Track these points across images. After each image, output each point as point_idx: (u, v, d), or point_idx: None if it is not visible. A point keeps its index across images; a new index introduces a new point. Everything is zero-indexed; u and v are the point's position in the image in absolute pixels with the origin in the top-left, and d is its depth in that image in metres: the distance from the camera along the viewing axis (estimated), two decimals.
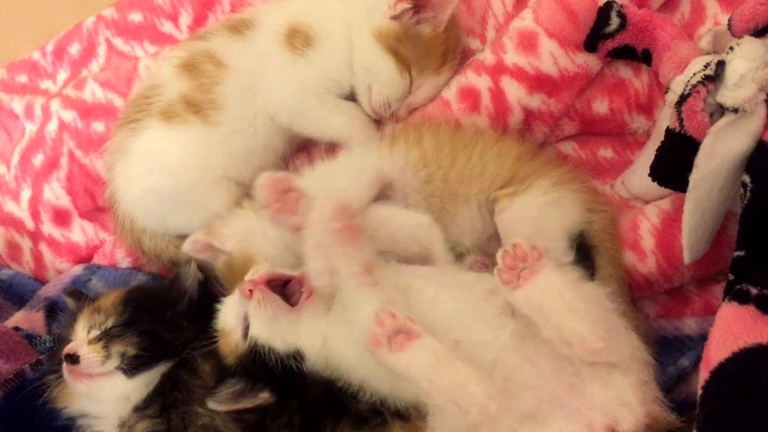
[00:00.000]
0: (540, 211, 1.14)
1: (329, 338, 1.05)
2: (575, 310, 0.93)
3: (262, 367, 1.04)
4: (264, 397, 1.04)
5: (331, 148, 1.33)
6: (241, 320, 1.07)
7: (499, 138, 1.24)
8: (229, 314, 1.10)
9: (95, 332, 1.12)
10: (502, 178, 1.18)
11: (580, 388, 0.93)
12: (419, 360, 0.94)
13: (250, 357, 1.05)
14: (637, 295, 1.17)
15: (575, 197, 1.17)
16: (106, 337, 1.10)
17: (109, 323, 1.13)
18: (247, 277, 1.08)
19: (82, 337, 1.11)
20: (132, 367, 1.09)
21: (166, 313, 1.17)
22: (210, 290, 1.28)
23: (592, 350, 0.92)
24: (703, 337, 0.93)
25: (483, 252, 1.20)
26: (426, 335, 0.95)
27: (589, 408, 0.92)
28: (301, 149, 1.42)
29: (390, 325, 0.95)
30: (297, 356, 1.04)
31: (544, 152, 1.29)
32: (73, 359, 1.06)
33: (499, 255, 0.97)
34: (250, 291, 1.04)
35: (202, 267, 1.27)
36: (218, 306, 1.13)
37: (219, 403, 1.03)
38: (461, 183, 1.18)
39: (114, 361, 1.08)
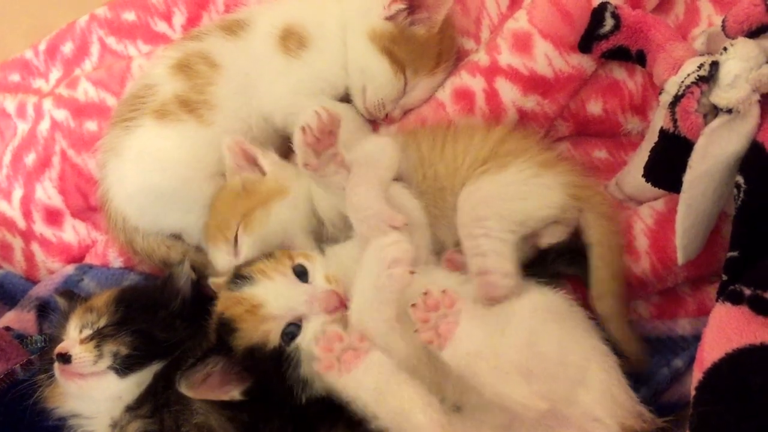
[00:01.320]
0: (505, 189, 1.11)
1: None
2: (505, 372, 0.87)
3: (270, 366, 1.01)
4: (232, 395, 1.01)
5: None
6: (292, 316, 1.01)
7: (488, 126, 1.22)
8: (282, 297, 1.01)
9: (87, 332, 1.11)
10: (480, 160, 1.15)
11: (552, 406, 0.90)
12: (367, 380, 0.90)
13: (277, 357, 1.00)
14: (630, 296, 1.17)
15: (556, 181, 1.12)
16: (99, 337, 1.09)
17: (102, 323, 1.12)
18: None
19: (74, 337, 1.11)
20: (124, 366, 1.09)
21: (159, 312, 1.16)
22: (203, 290, 1.27)
23: (538, 413, 0.87)
24: (697, 338, 0.93)
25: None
26: (375, 350, 0.92)
27: (560, 426, 0.90)
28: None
29: (339, 348, 0.92)
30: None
31: (534, 135, 1.26)
32: (65, 358, 1.06)
33: (409, 309, 0.91)
34: (336, 308, 1.00)
35: (196, 267, 1.26)
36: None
37: (188, 385, 0.97)
38: (447, 176, 1.16)
39: (106, 361, 1.08)
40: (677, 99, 1.01)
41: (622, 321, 1.09)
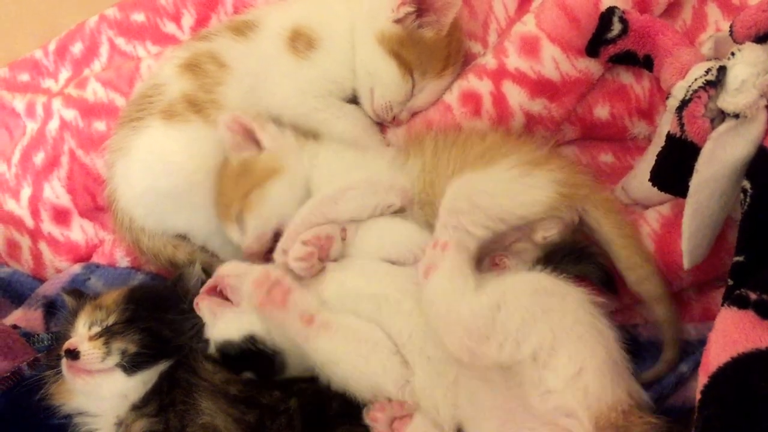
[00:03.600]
0: (489, 184, 1.11)
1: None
2: (454, 321, 0.95)
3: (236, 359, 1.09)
4: (246, 375, 1.09)
5: None
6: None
7: (484, 133, 1.23)
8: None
9: (96, 329, 1.11)
10: (470, 163, 1.16)
11: (528, 403, 0.91)
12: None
13: (219, 354, 1.10)
14: (636, 300, 1.17)
15: (546, 180, 1.12)
16: (107, 334, 1.09)
17: (111, 320, 1.12)
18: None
19: (82, 334, 1.11)
20: (132, 364, 1.08)
21: (169, 312, 1.16)
22: None
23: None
24: (702, 343, 0.92)
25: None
26: (418, 414, 0.98)
27: (539, 425, 0.90)
28: None
29: (384, 418, 0.98)
30: (252, 339, 1.08)
31: (531, 138, 1.26)
32: (73, 355, 1.06)
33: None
34: (197, 304, 1.13)
35: (206, 268, 1.27)
36: None
37: None
38: (440, 184, 1.16)
39: (114, 358, 1.08)
40: (684, 103, 1.01)
41: (669, 300, 1.10)
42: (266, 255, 1.21)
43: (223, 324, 1.10)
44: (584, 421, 0.88)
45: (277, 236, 1.19)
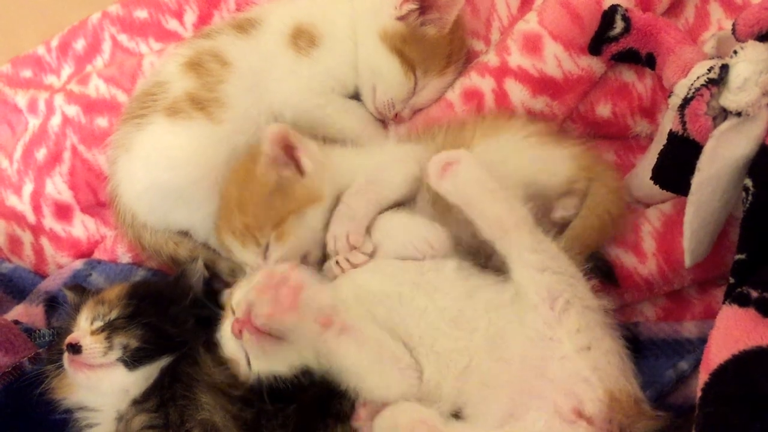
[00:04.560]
0: (511, 153, 1.12)
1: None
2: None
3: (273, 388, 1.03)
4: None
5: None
6: (243, 352, 1.04)
7: (495, 114, 1.24)
8: (229, 344, 1.07)
9: (98, 323, 1.11)
10: (481, 134, 1.16)
11: (545, 371, 0.93)
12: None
13: (259, 384, 1.03)
14: (637, 298, 1.17)
15: (566, 153, 1.14)
16: (110, 329, 1.10)
17: (113, 315, 1.12)
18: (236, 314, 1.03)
19: (85, 328, 1.11)
20: (133, 359, 1.09)
21: (171, 308, 1.17)
22: (215, 288, 1.28)
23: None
24: (703, 341, 0.93)
25: (477, 250, 1.18)
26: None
27: (554, 392, 0.91)
28: None
29: (366, 413, 0.98)
30: (305, 373, 1.02)
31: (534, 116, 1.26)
32: (75, 349, 1.06)
33: None
34: (240, 331, 1.00)
35: (208, 265, 1.27)
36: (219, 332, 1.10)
37: None
38: None
39: (116, 353, 1.08)
40: (686, 101, 1.01)
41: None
42: None
43: (270, 359, 1.01)
44: (598, 389, 0.90)
45: None
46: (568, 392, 0.91)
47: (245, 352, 1.03)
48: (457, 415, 0.98)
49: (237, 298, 1.07)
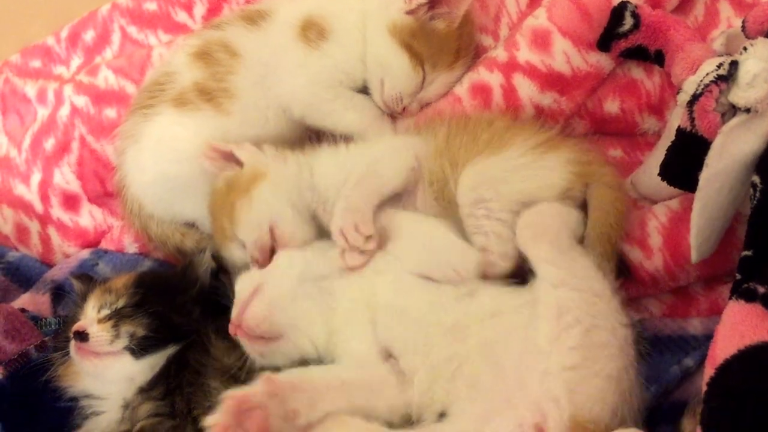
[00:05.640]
0: (506, 171, 1.11)
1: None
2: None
3: None
4: None
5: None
6: None
7: (491, 118, 1.23)
8: None
9: (105, 311, 1.12)
10: (477, 150, 1.15)
11: (527, 382, 0.92)
12: None
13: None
14: (642, 293, 1.17)
15: (559, 161, 1.12)
16: (117, 317, 1.10)
17: (120, 303, 1.13)
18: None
19: (92, 316, 1.11)
20: (140, 348, 1.09)
21: (178, 298, 1.17)
22: (222, 280, 1.28)
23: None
24: (708, 337, 0.93)
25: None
26: None
27: (525, 404, 0.90)
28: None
29: None
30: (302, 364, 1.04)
31: (535, 122, 1.25)
32: (82, 337, 1.06)
33: None
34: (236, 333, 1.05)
35: (216, 256, 1.27)
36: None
37: None
38: (450, 167, 1.16)
39: (123, 341, 1.08)
40: (695, 98, 1.01)
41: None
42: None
43: (266, 358, 1.06)
44: (565, 412, 0.88)
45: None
46: (537, 408, 0.89)
47: None
48: (443, 415, 0.98)
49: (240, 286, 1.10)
